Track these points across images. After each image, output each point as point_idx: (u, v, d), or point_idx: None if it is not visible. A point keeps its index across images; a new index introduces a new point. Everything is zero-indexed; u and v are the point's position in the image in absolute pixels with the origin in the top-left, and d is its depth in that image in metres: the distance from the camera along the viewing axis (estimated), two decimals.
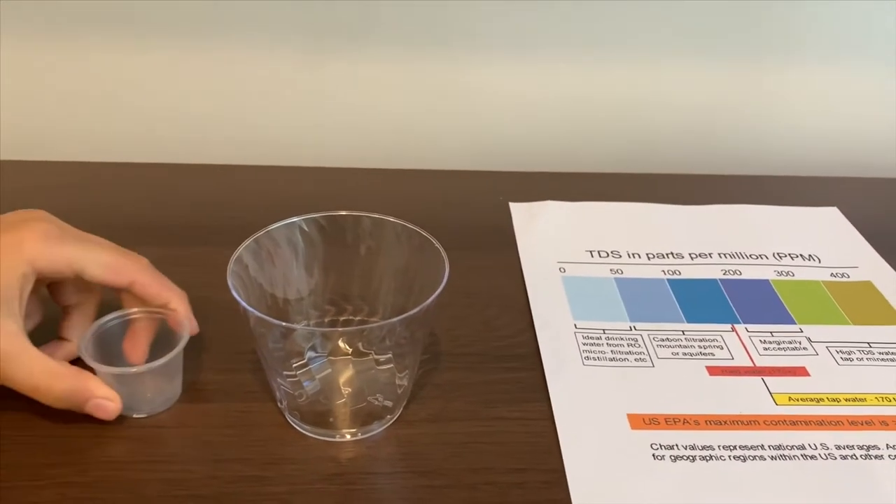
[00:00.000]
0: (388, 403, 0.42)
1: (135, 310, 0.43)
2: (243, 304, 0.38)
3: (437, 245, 0.42)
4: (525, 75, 0.70)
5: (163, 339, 0.43)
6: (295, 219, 0.44)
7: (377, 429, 0.42)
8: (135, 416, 0.42)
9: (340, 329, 0.45)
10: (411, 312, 0.38)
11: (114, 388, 0.40)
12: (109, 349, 0.42)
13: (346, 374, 0.42)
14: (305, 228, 0.44)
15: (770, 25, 0.69)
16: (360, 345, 0.40)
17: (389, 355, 0.40)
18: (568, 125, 0.73)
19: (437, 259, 0.41)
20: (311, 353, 0.41)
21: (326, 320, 0.46)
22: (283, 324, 0.38)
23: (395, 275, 0.45)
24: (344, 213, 0.45)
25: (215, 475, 0.39)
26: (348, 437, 0.41)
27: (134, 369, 0.41)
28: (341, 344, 0.40)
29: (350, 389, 0.42)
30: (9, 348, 0.38)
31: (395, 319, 0.38)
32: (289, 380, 0.41)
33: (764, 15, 0.68)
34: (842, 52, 0.70)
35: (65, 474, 0.38)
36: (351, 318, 0.46)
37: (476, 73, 0.70)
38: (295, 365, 0.41)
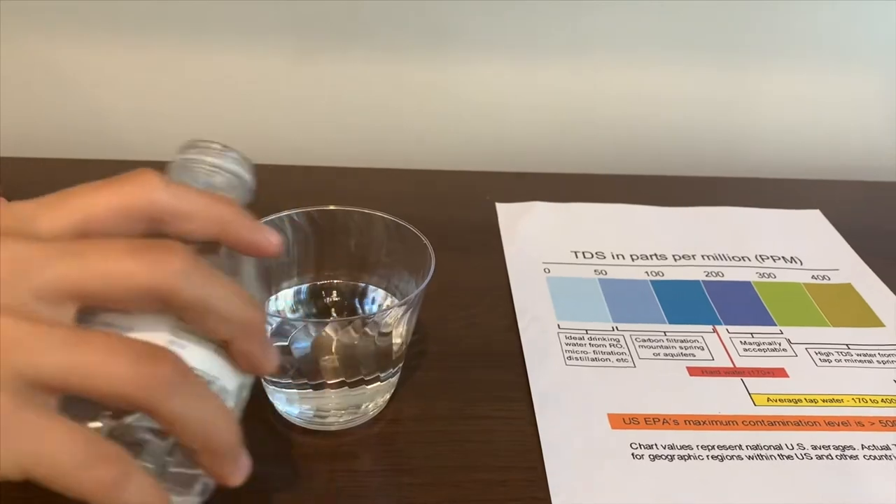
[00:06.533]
0: (372, 402, 0.42)
1: None
2: None
3: (425, 240, 0.42)
4: (512, 76, 0.70)
5: None
6: (284, 213, 0.44)
7: (359, 426, 0.42)
8: None
9: (321, 320, 0.45)
10: (395, 304, 0.38)
11: None
12: None
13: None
14: (296, 220, 0.44)
15: (754, 28, 0.69)
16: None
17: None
18: (554, 126, 0.73)
19: (424, 254, 0.42)
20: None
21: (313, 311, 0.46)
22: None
23: (381, 268, 0.45)
24: (333, 207, 0.45)
25: None
26: (330, 433, 0.42)
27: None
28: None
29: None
30: None
31: (377, 311, 0.38)
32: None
33: (748, 18, 0.69)
34: (826, 56, 0.71)
35: None
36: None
37: (464, 73, 0.70)
38: None
